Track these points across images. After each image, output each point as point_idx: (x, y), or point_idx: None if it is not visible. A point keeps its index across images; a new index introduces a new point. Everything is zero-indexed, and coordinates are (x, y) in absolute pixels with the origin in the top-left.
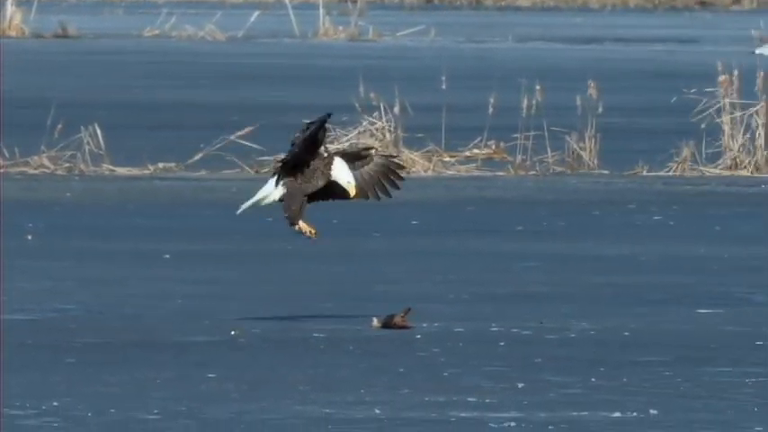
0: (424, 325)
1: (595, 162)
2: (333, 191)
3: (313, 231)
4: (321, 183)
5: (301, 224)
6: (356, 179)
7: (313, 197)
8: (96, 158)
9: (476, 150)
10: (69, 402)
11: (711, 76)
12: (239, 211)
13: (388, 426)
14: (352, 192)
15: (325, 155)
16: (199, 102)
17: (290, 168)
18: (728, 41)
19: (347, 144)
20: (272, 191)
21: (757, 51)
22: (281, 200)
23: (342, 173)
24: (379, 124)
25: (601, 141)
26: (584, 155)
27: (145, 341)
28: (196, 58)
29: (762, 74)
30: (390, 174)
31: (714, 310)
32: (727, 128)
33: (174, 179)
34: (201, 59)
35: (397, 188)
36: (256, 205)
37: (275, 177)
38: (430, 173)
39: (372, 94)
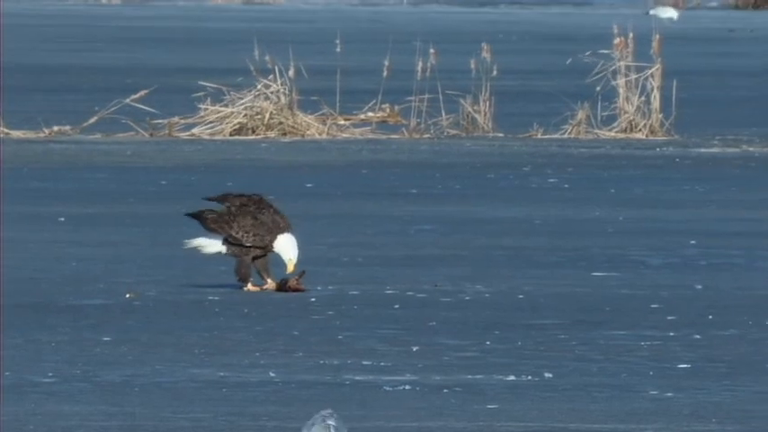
0: (319, 288)
1: (490, 125)
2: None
3: (255, 289)
4: (259, 252)
5: (250, 286)
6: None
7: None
8: None
9: (370, 113)
10: None
11: (606, 39)
12: (185, 247)
13: (283, 389)
14: (290, 269)
15: (266, 223)
16: (94, 65)
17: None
18: (623, 3)
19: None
20: (216, 243)
21: (651, 13)
22: (225, 253)
23: (284, 248)
24: (273, 87)
25: (495, 104)
26: (479, 118)
27: (39, 304)
28: (92, 21)
29: (657, 36)
30: None
31: (609, 273)
32: (622, 90)
33: (70, 142)
34: (97, 22)
35: None
36: (198, 249)
37: (221, 237)
38: (324, 136)
39: (267, 57)
